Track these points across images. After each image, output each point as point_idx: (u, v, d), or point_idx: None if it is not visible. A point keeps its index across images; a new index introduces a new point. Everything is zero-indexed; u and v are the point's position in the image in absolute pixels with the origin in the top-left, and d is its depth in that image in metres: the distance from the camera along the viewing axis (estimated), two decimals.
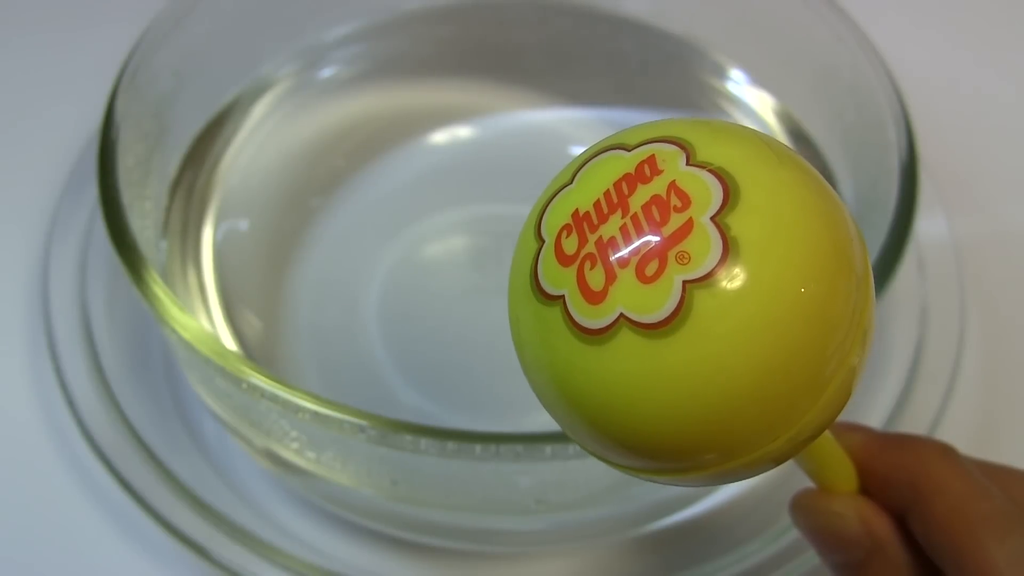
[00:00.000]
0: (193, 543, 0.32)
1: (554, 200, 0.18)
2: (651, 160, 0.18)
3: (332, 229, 0.39)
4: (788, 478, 0.33)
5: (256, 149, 0.40)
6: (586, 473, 0.29)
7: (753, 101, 0.42)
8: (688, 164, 0.17)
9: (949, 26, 0.49)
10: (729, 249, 0.16)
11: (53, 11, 0.47)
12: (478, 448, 0.26)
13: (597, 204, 0.18)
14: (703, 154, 0.17)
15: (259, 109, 0.41)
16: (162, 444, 0.34)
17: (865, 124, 0.35)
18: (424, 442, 0.27)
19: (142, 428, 0.34)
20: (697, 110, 0.42)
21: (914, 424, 0.34)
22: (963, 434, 0.36)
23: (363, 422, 0.27)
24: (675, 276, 0.16)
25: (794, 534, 0.32)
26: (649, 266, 0.17)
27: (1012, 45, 0.48)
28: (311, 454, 0.31)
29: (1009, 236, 0.42)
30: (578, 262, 0.17)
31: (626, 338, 0.17)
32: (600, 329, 0.17)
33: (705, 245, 0.17)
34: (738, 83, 0.42)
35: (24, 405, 0.36)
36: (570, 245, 0.18)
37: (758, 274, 0.16)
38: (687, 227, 0.17)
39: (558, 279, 0.18)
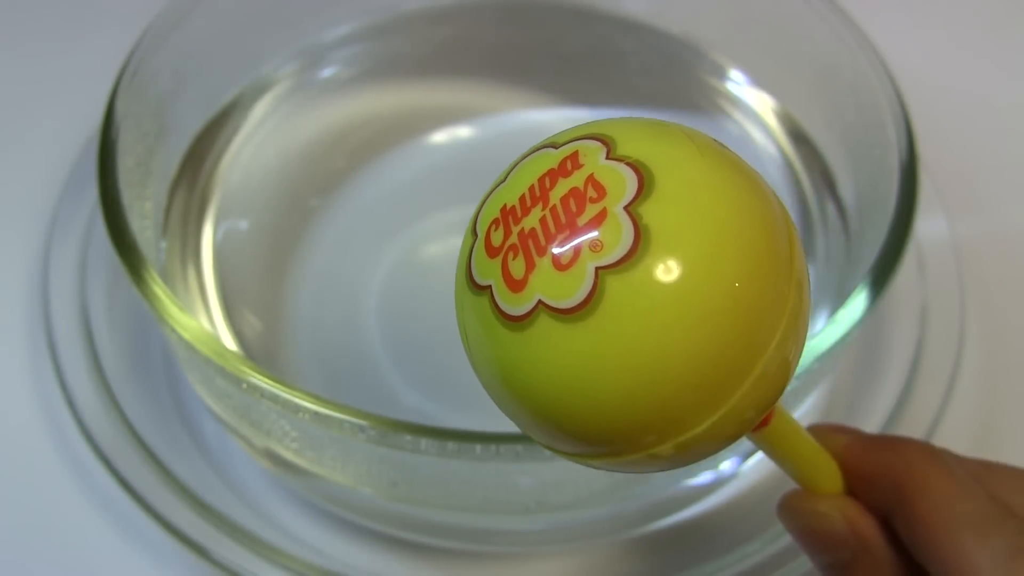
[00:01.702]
0: (193, 543, 0.32)
1: (489, 197, 0.20)
2: (574, 156, 0.18)
3: (332, 229, 0.39)
4: (788, 480, 0.33)
5: (256, 149, 0.40)
6: (586, 473, 0.29)
7: (753, 101, 0.42)
8: (607, 158, 0.18)
9: (949, 26, 0.49)
10: (640, 237, 0.17)
11: (53, 11, 0.47)
12: (478, 448, 0.26)
13: (522, 198, 0.18)
14: (623, 148, 0.18)
15: (259, 109, 0.41)
16: (162, 444, 0.34)
17: (865, 124, 0.35)
18: (424, 442, 0.27)
19: (142, 428, 0.34)
20: (697, 110, 0.42)
21: (914, 424, 0.34)
22: (963, 434, 0.36)
23: (363, 422, 0.27)
24: (588, 263, 0.17)
25: None
26: (565, 254, 0.17)
27: (1012, 45, 0.48)
28: (311, 454, 0.31)
29: (1009, 236, 0.42)
30: (503, 253, 0.18)
31: (544, 324, 0.17)
32: (521, 316, 0.18)
33: (617, 233, 0.17)
34: (738, 83, 0.42)
35: (24, 405, 0.36)
36: (497, 238, 0.18)
37: (667, 260, 0.17)
38: (601, 217, 0.17)
39: (486, 270, 0.18)
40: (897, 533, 0.24)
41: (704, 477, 0.33)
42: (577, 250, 0.17)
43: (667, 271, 0.17)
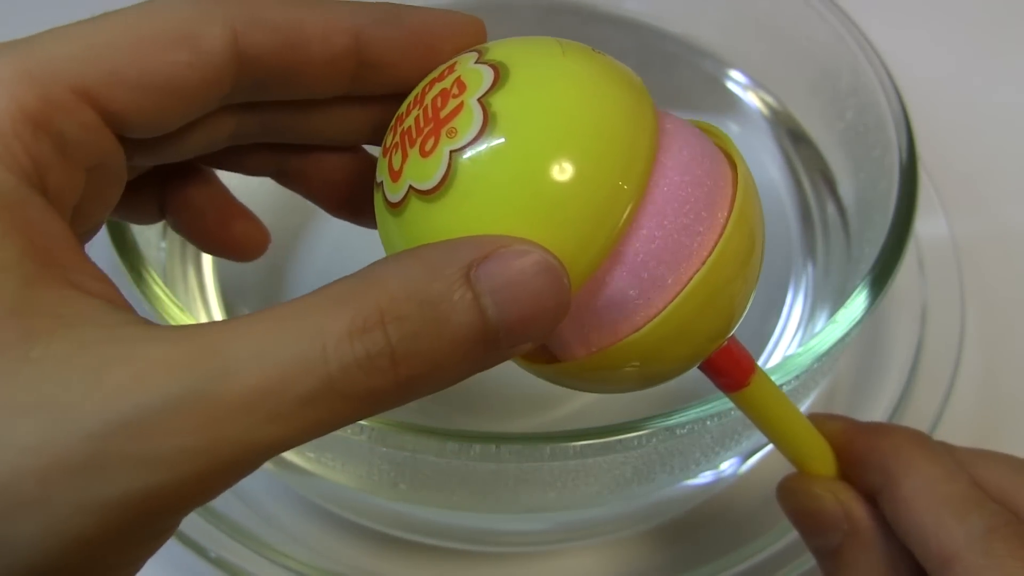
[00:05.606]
0: (193, 543, 0.32)
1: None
2: (452, 66, 0.21)
3: (332, 228, 0.39)
4: None
5: None
6: (586, 473, 0.29)
7: (753, 101, 0.42)
8: (475, 63, 0.20)
9: (949, 27, 0.49)
10: (487, 121, 0.19)
11: (53, 12, 0.47)
12: (478, 448, 0.26)
13: (408, 106, 0.21)
14: (491, 54, 0.20)
15: None
16: None
17: (865, 124, 0.35)
18: (424, 442, 0.27)
19: None
20: (697, 110, 0.42)
21: (914, 424, 0.34)
22: (963, 434, 0.36)
23: (363, 423, 0.27)
24: (445, 148, 0.19)
25: (795, 535, 0.32)
26: (428, 143, 0.19)
27: (1012, 46, 0.49)
28: (311, 454, 0.31)
29: (1009, 236, 0.42)
30: (389, 152, 0.21)
31: (413, 205, 0.20)
32: (398, 202, 0.20)
33: (469, 120, 0.19)
34: (738, 83, 0.42)
35: None
36: (388, 140, 0.21)
37: (509, 140, 0.19)
38: (458, 108, 0.19)
39: (380, 169, 0.21)
40: (883, 513, 0.25)
41: (705, 477, 0.33)
42: (437, 138, 0.19)
43: (507, 149, 0.19)
